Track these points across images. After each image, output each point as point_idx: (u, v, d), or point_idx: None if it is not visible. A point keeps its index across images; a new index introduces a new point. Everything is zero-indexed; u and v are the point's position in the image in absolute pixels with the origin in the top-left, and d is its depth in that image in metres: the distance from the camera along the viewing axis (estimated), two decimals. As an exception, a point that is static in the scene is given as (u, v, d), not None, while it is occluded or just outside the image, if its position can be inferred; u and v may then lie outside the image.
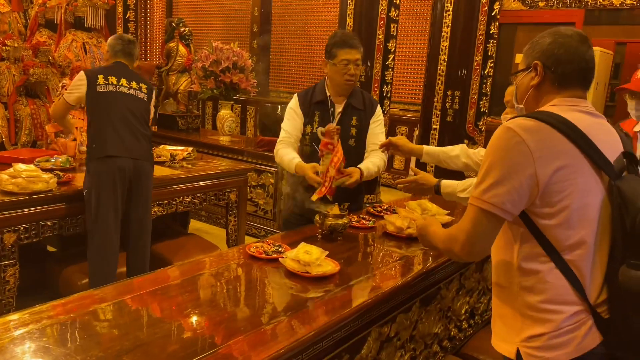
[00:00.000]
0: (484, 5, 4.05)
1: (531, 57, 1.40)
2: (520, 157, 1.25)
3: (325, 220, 2.21)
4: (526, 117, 1.31)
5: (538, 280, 1.31)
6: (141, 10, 8.14)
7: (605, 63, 5.62)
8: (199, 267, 1.92)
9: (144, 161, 2.99)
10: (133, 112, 2.97)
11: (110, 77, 2.95)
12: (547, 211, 1.28)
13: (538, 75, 1.38)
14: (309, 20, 8.23)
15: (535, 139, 1.25)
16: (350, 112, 2.60)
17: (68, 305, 1.55)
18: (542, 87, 1.39)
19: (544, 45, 1.36)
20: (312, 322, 1.53)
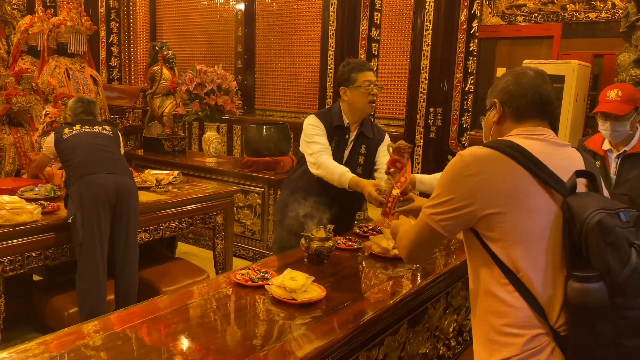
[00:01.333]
0: (463, 23, 4.13)
1: (491, 97, 1.51)
2: (463, 183, 1.33)
3: (311, 243, 2.22)
4: (479, 146, 1.39)
5: (500, 304, 1.33)
6: (124, 34, 8.16)
7: (584, 75, 5.73)
8: (186, 297, 1.91)
9: (124, 175, 3.06)
10: (103, 142, 3.12)
11: (75, 126, 3.15)
12: (496, 234, 1.32)
13: (497, 111, 1.48)
14: (292, 40, 8.31)
15: (481, 165, 1.33)
16: (361, 140, 2.64)
17: (54, 342, 1.54)
18: (503, 122, 1.47)
19: (501, 85, 1.48)
20: (298, 350, 1.53)
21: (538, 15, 6.53)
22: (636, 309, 1.19)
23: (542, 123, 1.43)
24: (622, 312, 1.18)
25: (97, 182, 2.88)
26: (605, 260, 1.17)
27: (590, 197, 1.30)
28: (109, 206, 2.90)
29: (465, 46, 4.18)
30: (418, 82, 4.30)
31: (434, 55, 4.20)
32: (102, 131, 3.18)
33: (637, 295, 1.18)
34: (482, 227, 1.35)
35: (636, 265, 1.16)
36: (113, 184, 2.93)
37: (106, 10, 7.06)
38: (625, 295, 1.18)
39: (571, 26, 6.41)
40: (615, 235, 1.17)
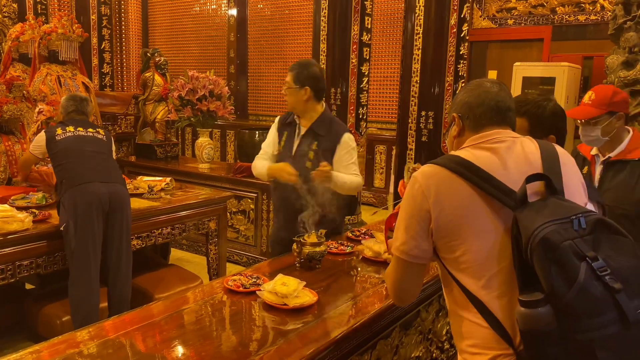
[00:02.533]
0: (453, 27, 4.15)
1: (451, 111, 1.50)
2: (418, 202, 1.31)
3: (303, 248, 2.23)
4: (428, 164, 1.37)
5: (465, 324, 1.32)
6: (116, 40, 8.16)
7: (574, 77, 5.77)
8: (178, 303, 1.91)
9: (117, 184, 3.03)
10: (95, 147, 3.09)
11: (68, 127, 3.10)
12: (451, 257, 1.31)
13: (457, 125, 1.46)
14: (284, 45, 8.33)
15: (430, 183, 1.30)
16: (311, 136, 2.65)
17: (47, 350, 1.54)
18: (463, 134, 1.45)
19: (458, 99, 1.47)
20: (289, 356, 1.54)
21: (528, 18, 6.58)
22: (587, 331, 1.07)
23: (497, 128, 1.39)
24: (573, 334, 1.08)
25: (91, 190, 2.86)
26: (550, 280, 1.09)
27: (542, 207, 1.20)
28: (102, 214, 2.89)
29: (455, 50, 4.21)
30: (409, 85, 4.32)
31: (425, 59, 4.23)
32: (96, 135, 3.15)
33: (588, 316, 1.07)
34: (440, 249, 1.33)
35: (584, 284, 1.06)
36: (106, 192, 2.91)
37: (98, 17, 7.05)
38: (574, 316, 1.08)
39: (561, 29, 6.46)
40: (561, 251, 1.09)
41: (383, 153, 7.10)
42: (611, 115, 2.21)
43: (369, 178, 7.10)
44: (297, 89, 2.61)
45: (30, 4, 6.51)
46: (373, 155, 7.12)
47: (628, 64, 3.47)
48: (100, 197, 2.88)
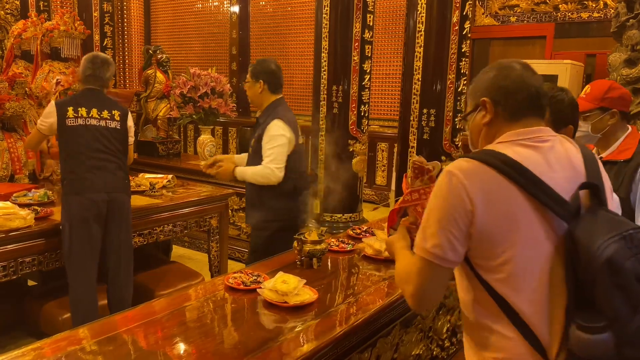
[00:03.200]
0: (455, 24, 4.14)
1: (477, 95, 1.31)
2: (457, 202, 1.16)
3: (304, 246, 2.23)
4: (466, 158, 1.22)
5: (495, 337, 1.21)
6: (119, 38, 8.16)
7: (577, 75, 5.76)
8: (179, 301, 1.92)
9: (119, 193, 2.93)
10: (105, 145, 2.90)
11: (80, 109, 2.85)
12: (491, 264, 1.18)
13: (488, 112, 1.29)
14: (286, 42, 8.33)
15: (474, 182, 1.16)
16: (256, 126, 2.90)
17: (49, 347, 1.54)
18: (494, 123, 1.28)
19: (487, 81, 1.29)
20: (289, 353, 1.54)
21: (531, 15, 6.56)
22: None
23: (536, 121, 1.27)
24: None
25: (90, 199, 2.81)
26: (615, 306, 1.02)
27: (597, 218, 1.12)
28: (100, 221, 2.85)
29: (457, 47, 4.20)
30: (411, 83, 4.31)
31: (427, 57, 4.22)
32: (110, 123, 2.91)
33: None
34: (475, 255, 1.20)
35: None
36: (106, 201, 2.85)
37: (100, 14, 7.05)
38: (634, 345, 1.03)
39: (564, 26, 6.44)
40: (625, 273, 1.01)
41: (385, 150, 7.09)
42: (603, 111, 2.11)
43: (370, 175, 7.10)
44: (253, 82, 2.86)
45: (33, 1, 6.51)
46: (375, 152, 7.12)
47: (630, 61, 3.46)
48: (99, 207, 2.83)
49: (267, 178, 2.75)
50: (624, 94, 2.15)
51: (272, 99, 2.88)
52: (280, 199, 2.81)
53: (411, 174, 1.57)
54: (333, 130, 4.57)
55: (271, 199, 2.82)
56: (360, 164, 4.73)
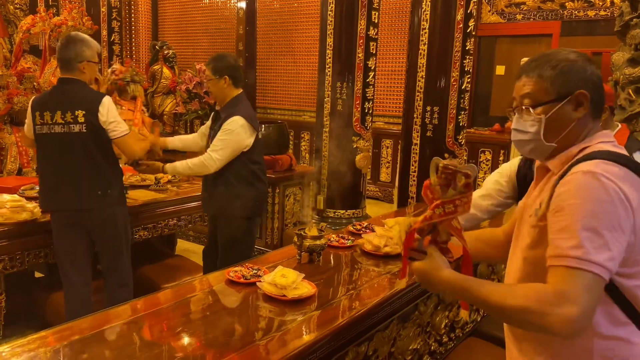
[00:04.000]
0: (459, 22, 4.16)
1: (570, 85, 1.23)
2: (621, 211, 1.10)
3: (304, 241, 2.27)
4: (606, 162, 1.14)
5: (621, 345, 1.18)
6: (126, 33, 8.22)
7: (582, 73, 5.75)
8: (181, 293, 1.97)
9: (93, 211, 2.67)
10: (71, 154, 2.62)
11: (45, 113, 2.60)
12: (631, 271, 1.16)
13: (584, 107, 1.24)
14: (293, 38, 8.34)
15: (628, 187, 1.12)
16: (216, 120, 3.02)
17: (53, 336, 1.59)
18: (583, 120, 1.26)
19: (583, 72, 1.23)
20: (286, 345, 1.58)
21: (537, 13, 6.55)
22: None
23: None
24: None
25: (60, 218, 2.72)
26: None
27: None
28: (79, 229, 2.71)
29: (461, 45, 4.21)
30: (415, 80, 4.33)
31: (431, 54, 4.23)
32: (73, 128, 2.58)
33: None
34: (629, 259, 1.15)
35: None
36: (78, 220, 2.71)
37: (108, 10, 7.11)
38: None
39: (570, 24, 6.42)
40: None
41: (390, 147, 7.12)
42: None
43: (375, 172, 7.12)
44: (217, 79, 2.92)
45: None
46: (379, 149, 7.14)
47: (634, 61, 3.46)
48: (69, 218, 2.69)
49: (204, 166, 2.88)
50: (610, 90, 2.23)
51: (234, 93, 2.98)
52: (242, 186, 2.95)
53: (439, 181, 1.28)
54: (337, 126, 4.59)
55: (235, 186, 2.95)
56: (363, 160, 4.75)
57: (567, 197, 1.14)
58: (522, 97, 1.30)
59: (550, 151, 1.29)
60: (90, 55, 2.69)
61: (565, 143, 1.27)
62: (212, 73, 2.92)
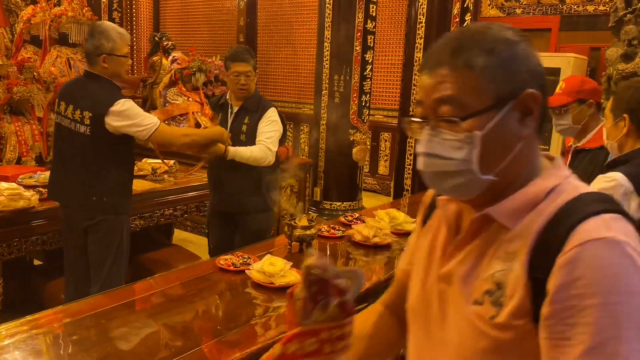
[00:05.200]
0: (455, 16, 4.18)
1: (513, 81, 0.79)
2: None
3: (294, 231, 2.31)
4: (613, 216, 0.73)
5: None
6: (127, 24, 8.24)
7: (580, 68, 5.75)
8: (169, 280, 2.02)
9: (85, 212, 2.57)
10: (72, 150, 2.57)
11: (61, 103, 2.58)
12: None
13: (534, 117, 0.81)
14: (293, 30, 8.36)
15: None
16: (243, 113, 2.95)
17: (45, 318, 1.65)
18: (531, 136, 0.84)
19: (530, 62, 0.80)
20: (273, 329, 1.63)
21: (536, 7, 6.54)
22: None
23: None
24: None
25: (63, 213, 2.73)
26: None
27: None
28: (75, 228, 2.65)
29: (457, 39, 4.23)
30: (411, 74, 4.36)
31: (427, 48, 4.26)
32: (78, 127, 2.50)
33: None
34: None
35: None
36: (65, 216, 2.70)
37: (108, 0, 7.13)
38: None
39: (570, 19, 6.42)
40: None
41: (388, 140, 7.15)
42: (581, 102, 2.29)
43: (373, 165, 7.16)
44: (255, 75, 2.98)
45: (42, -14, 6.59)
46: (378, 142, 7.17)
47: (627, 56, 3.49)
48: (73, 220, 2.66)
49: (264, 159, 2.87)
50: (597, 86, 2.37)
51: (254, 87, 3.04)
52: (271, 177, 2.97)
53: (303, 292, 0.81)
54: (334, 119, 4.63)
55: (271, 180, 2.98)
56: (360, 153, 4.80)
57: (589, 290, 0.68)
58: (437, 103, 0.80)
59: (484, 188, 0.81)
60: (110, 47, 2.49)
61: (508, 176, 0.81)
62: (252, 69, 2.92)
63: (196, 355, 1.46)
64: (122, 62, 2.56)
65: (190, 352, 1.46)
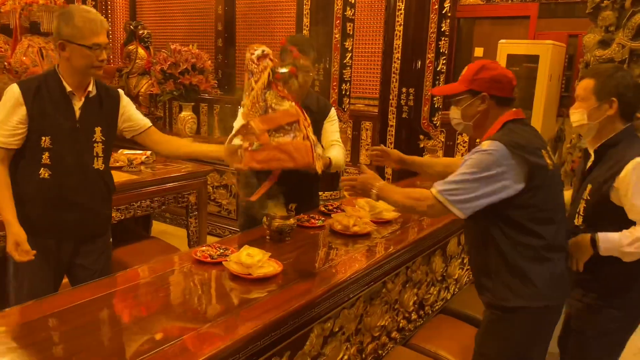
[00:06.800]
0: (434, 3, 4.15)
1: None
2: None
3: (273, 221, 2.28)
4: None
5: None
6: (102, 12, 8.05)
7: (558, 55, 5.78)
8: (144, 273, 1.98)
9: None
10: None
11: None
12: None
13: None
14: (272, 18, 8.26)
15: None
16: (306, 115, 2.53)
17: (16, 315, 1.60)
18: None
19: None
20: (250, 321, 1.60)
21: (515, -6, 6.55)
22: None
23: None
24: None
25: None
26: None
27: None
28: None
29: (437, 26, 4.21)
30: (391, 62, 4.34)
31: (407, 36, 4.23)
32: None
33: None
34: None
35: None
36: None
37: (82, -12, 6.95)
38: None
39: (549, 6, 6.44)
40: None
41: (369, 129, 7.12)
42: (473, 94, 1.88)
43: (354, 154, 7.14)
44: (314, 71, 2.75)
45: (13, -26, 6.39)
46: (359, 131, 7.15)
47: (604, 42, 3.50)
48: None
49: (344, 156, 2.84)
50: (498, 76, 1.86)
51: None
52: None
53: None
54: (314, 108, 4.59)
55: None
56: (340, 142, 4.76)
57: None
58: None
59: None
60: (69, 34, 2.06)
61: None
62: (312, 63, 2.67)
63: (175, 347, 1.43)
64: (84, 53, 2.08)
65: (168, 345, 1.43)
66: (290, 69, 2.23)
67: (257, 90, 2.18)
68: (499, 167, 1.74)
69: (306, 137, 2.03)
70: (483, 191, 1.75)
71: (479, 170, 1.75)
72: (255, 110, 2.12)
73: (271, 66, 2.25)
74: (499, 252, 1.84)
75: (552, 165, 1.85)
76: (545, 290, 1.83)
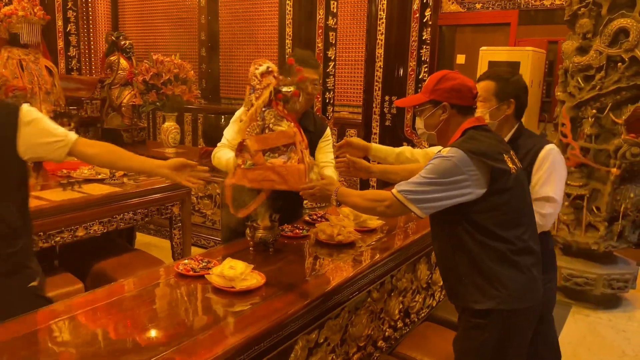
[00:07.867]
0: (415, 12, 4.20)
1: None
2: None
3: (256, 232, 2.27)
4: None
5: None
6: (83, 23, 8.00)
7: (538, 61, 5.87)
8: (125, 288, 1.95)
9: None
10: None
11: None
12: None
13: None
14: (256, 27, 8.27)
15: None
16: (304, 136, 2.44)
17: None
18: None
19: None
20: (233, 335, 1.59)
21: (495, 2, 6.63)
22: None
23: None
24: None
25: None
26: None
27: None
28: None
29: (418, 35, 4.25)
30: (373, 70, 4.36)
31: (388, 44, 4.27)
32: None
33: None
34: None
35: None
36: None
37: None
38: None
39: (528, 13, 6.53)
40: None
41: (354, 137, 7.13)
42: (435, 104, 1.91)
43: (339, 162, 7.14)
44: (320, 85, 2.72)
45: (-9, -15, 6.33)
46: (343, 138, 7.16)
47: (582, 49, 3.56)
48: None
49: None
50: (457, 85, 1.87)
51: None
52: None
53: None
54: (298, 117, 4.59)
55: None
56: (325, 150, 4.76)
57: None
58: None
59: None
60: None
61: None
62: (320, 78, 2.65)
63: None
64: None
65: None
66: (294, 91, 2.15)
67: (256, 108, 2.14)
68: (459, 174, 1.77)
69: (301, 160, 2.03)
70: (442, 194, 1.80)
71: (437, 176, 1.80)
72: (252, 128, 2.11)
73: (274, 84, 2.17)
74: (467, 255, 1.84)
75: (515, 169, 1.86)
76: (515, 293, 1.83)
